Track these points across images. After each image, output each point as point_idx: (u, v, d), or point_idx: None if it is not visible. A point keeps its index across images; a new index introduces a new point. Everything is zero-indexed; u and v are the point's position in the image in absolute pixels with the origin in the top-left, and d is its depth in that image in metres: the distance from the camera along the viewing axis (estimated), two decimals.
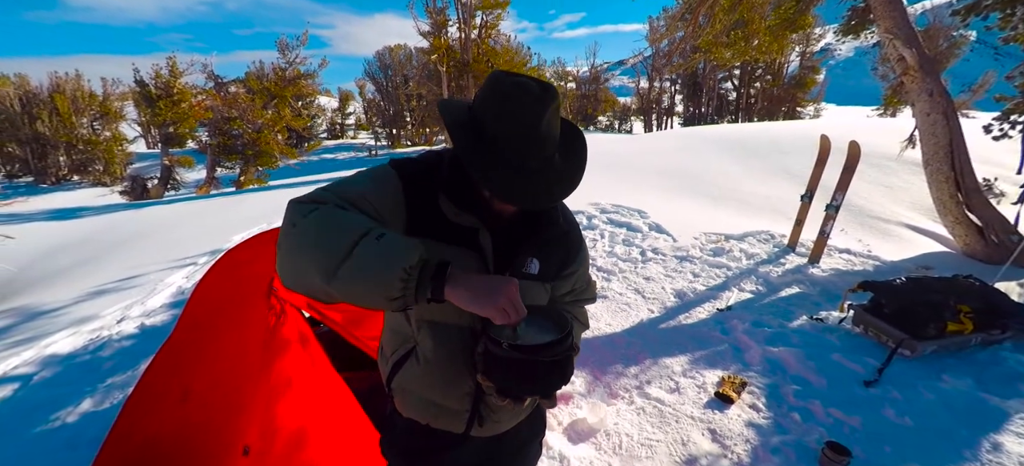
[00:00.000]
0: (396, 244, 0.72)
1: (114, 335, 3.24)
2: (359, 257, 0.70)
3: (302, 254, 0.74)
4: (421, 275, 0.73)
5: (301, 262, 0.74)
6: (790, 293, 3.77)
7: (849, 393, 2.51)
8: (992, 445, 2.11)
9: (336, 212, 0.76)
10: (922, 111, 5.03)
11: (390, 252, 0.71)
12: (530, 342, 0.83)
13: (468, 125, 0.85)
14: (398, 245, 0.72)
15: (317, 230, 0.73)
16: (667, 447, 2.19)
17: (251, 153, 14.72)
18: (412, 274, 0.72)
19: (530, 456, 1.23)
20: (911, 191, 6.90)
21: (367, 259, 0.70)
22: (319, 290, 0.73)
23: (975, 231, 4.82)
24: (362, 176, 0.89)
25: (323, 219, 0.74)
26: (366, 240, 0.72)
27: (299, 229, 0.75)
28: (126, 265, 4.90)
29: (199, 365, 1.90)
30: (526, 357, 0.82)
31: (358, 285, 0.71)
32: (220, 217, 7.48)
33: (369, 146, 26.22)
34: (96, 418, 2.34)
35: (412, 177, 0.91)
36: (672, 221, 5.39)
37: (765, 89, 28.48)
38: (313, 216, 0.75)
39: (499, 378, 0.85)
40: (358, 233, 0.72)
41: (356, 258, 0.70)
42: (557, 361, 0.84)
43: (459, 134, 0.83)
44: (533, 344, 0.83)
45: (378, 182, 0.88)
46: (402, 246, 0.73)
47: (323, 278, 0.71)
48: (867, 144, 5.69)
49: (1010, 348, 2.83)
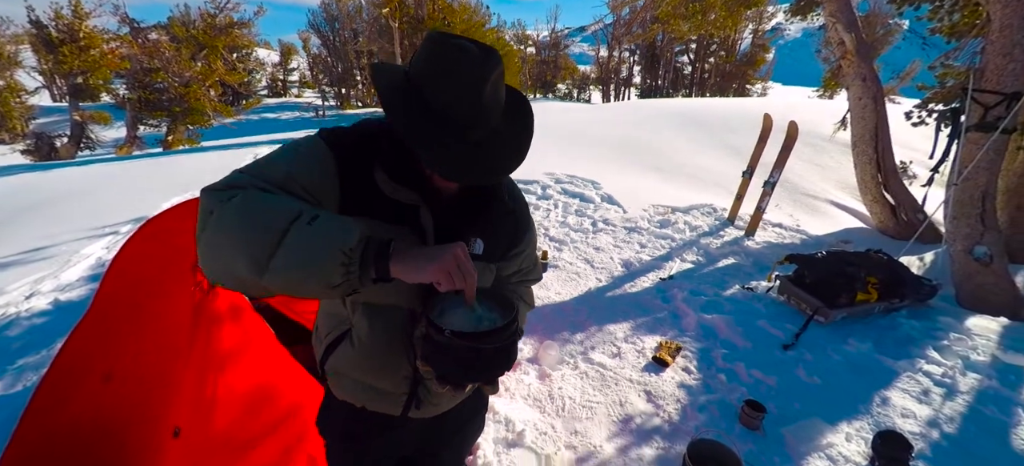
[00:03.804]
0: (331, 225, 0.67)
1: (23, 312, 2.93)
2: (291, 245, 0.64)
3: (226, 247, 0.66)
4: (363, 257, 0.68)
5: (225, 255, 0.67)
6: (727, 264, 4.04)
7: (770, 356, 2.77)
8: (882, 399, 2.43)
9: (260, 197, 0.69)
10: (855, 95, 5.41)
11: (326, 235, 0.66)
12: (473, 328, 0.79)
13: (404, 92, 0.78)
14: (334, 226, 0.67)
15: (240, 218, 0.66)
16: (606, 408, 2.33)
17: (179, 110, 13.35)
18: (353, 257, 0.67)
19: (472, 433, 1.24)
20: (839, 170, 7.50)
21: (300, 246, 0.64)
22: (251, 284, 0.67)
23: (889, 210, 5.35)
24: (286, 152, 0.80)
25: (246, 205, 0.67)
26: (297, 224, 0.65)
27: (218, 218, 0.67)
28: (35, 235, 4.39)
29: (121, 343, 1.77)
30: (468, 344, 0.77)
31: (293, 274, 0.66)
32: (145, 181, 6.83)
33: (316, 106, 24.51)
34: (6, 402, 2.14)
35: (345, 149, 0.83)
36: (624, 192, 5.55)
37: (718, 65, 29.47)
38: (234, 202, 0.67)
39: (439, 365, 0.81)
40: (287, 218, 0.66)
41: (288, 246, 0.65)
42: (501, 347, 0.80)
43: (393, 102, 0.76)
44: (476, 331, 0.78)
45: (305, 158, 0.80)
46: (338, 227, 0.67)
47: (253, 271, 0.65)
48: (805, 123, 6.07)
49: (905, 314, 3.22)
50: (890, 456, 1.99)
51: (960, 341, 2.90)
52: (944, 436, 2.21)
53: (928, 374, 2.61)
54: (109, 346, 1.79)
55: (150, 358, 1.69)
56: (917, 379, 2.57)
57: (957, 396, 2.46)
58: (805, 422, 2.25)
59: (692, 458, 1.78)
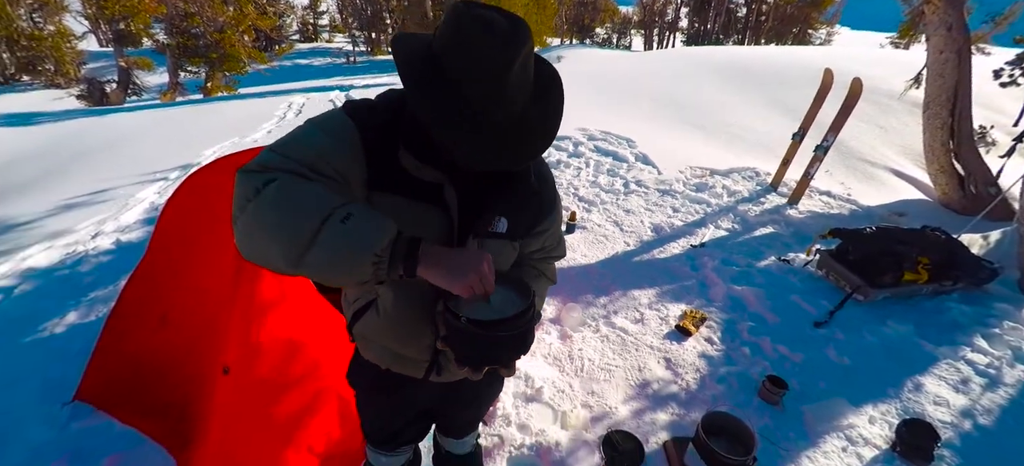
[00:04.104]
0: (365, 226, 0.68)
1: (90, 250, 3.24)
2: (325, 243, 0.66)
3: (262, 238, 0.69)
4: (392, 257, 0.70)
5: (261, 246, 0.69)
6: (764, 233, 3.88)
7: (799, 332, 2.69)
8: (915, 385, 2.34)
9: (294, 187, 0.70)
10: (936, 48, 4.78)
11: (359, 235, 0.67)
12: (490, 317, 0.80)
13: (423, 69, 0.74)
14: (367, 227, 0.68)
15: (275, 211, 0.67)
16: (624, 372, 2.38)
17: (216, 57, 13.57)
18: (383, 256, 0.69)
19: (490, 396, 1.30)
20: (904, 134, 6.83)
21: (334, 245, 0.66)
22: (284, 272, 0.70)
23: (957, 181, 4.87)
24: (314, 130, 0.80)
25: (281, 198, 0.68)
26: (330, 223, 0.67)
27: (255, 209, 0.68)
28: (94, 178, 4.75)
29: (174, 289, 1.94)
30: (485, 331, 0.80)
31: (325, 270, 0.69)
32: (188, 128, 7.15)
33: (347, 52, 24.19)
34: (82, 331, 2.43)
35: (370, 128, 0.82)
36: (660, 152, 5.33)
37: (778, 6, 26.58)
38: (269, 193, 0.68)
39: (457, 348, 0.85)
40: (321, 215, 0.67)
41: (321, 244, 0.66)
42: (517, 334, 0.82)
43: (411, 79, 0.73)
44: (492, 319, 0.80)
45: (334, 136, 0.79)
46: (371, 228, 0.68)
47: (287, 265, 0.68)
48: (871, 79, 5.51)
49: (956, 299, 3.02)
50: (913, 443, 1.95)
51: (1015, 331, 2.71)
52: (976, 427, 2.13)
53: (971, 362, 2.48)
54: (163, 292, 1.96)
55: (200, 304, 1.85)
56: (957, 367, 2.45)
57: (999, 388, 2.34)
58: (828, 402, 2.21)
59: (705, 428, 1.81)
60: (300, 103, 9.14)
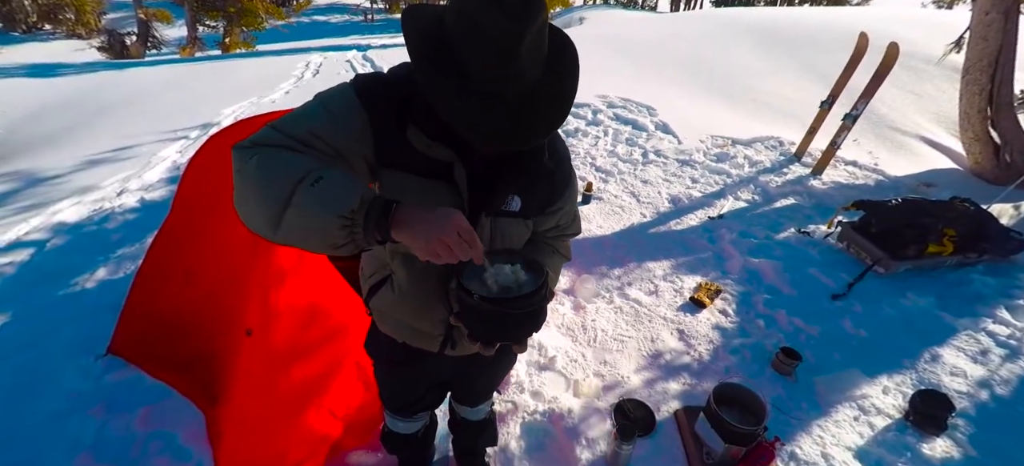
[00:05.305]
0: (333, 188, 0.66)
1: (116, 207, 3.32)
2: (297, 205, 0.66)
3: (247, 205, 0.70)
4: (366, 220, 0.67)
5: (249, 213, 0.71)
6: (784, 204, 3.78)
7: (816, 305, 2.66)
8: (932, 356, 2.31)
9: (276, 156, 0.70)
10: (981, 8, 4.45)
11: (327, 197, 0.65)
12: (502, 294, 0.81)
13: (432, 43, 0.71)
14: (335, 189, 0.66)
15: (257, 178, 0.68)
16: (637, 343, 2.40)
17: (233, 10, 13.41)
18: (355, 219, 0.66)
19: (503, 369, 1.35)
20: (940, 100, 6.47)
21: (305, 207, 0.65)
22: (272, 239, 0.70)
23: (991, 149, 4.63)
24: (316, 106, 0.79)
25: (262, 165, 0.69)
26: (302, 186, 0.66)
27: (241, 179, 0.71)
28: (118, 134, 4.82)
29: (197, 249, 1.98)
30: (497, 309, 0.79)
31: (300, 234, 0.68)
32: (208, 85, 7.13)
33: (364, 9, 23.54)
34: (111, 286, 2.52)
35: (378, 104, 0.80)
36: (680, 121, 5.16)
37: None
38: (254, 161, 0.69)
39: (470, 324, 0.85)
40: (294, 179, 0.66)
41: (295, 206, 0.66)
42: (530, 312, 0.82)
43: (418, 55, 0.71)
44: (504, 296, 0.80)
45: (335, 115, 0.78)
46: (339, 190, 0.66)
47: (269, 229, 0.68)
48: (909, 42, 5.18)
49: (981, 271, 2.93)
50: (927, 413, 1.94)
51: None
52: (993, 397, 2.11)
53: (992, 334, 2.44)
54: (186, 251, 2.01)
55: (223, 264, 1.89)
56: (977, 338, 2.42)
57: (1020, 359, 2.30)
58: (842, 373, 2.21)
59: (717, 399, 1.83)
60: (318, 62, 8.99)
